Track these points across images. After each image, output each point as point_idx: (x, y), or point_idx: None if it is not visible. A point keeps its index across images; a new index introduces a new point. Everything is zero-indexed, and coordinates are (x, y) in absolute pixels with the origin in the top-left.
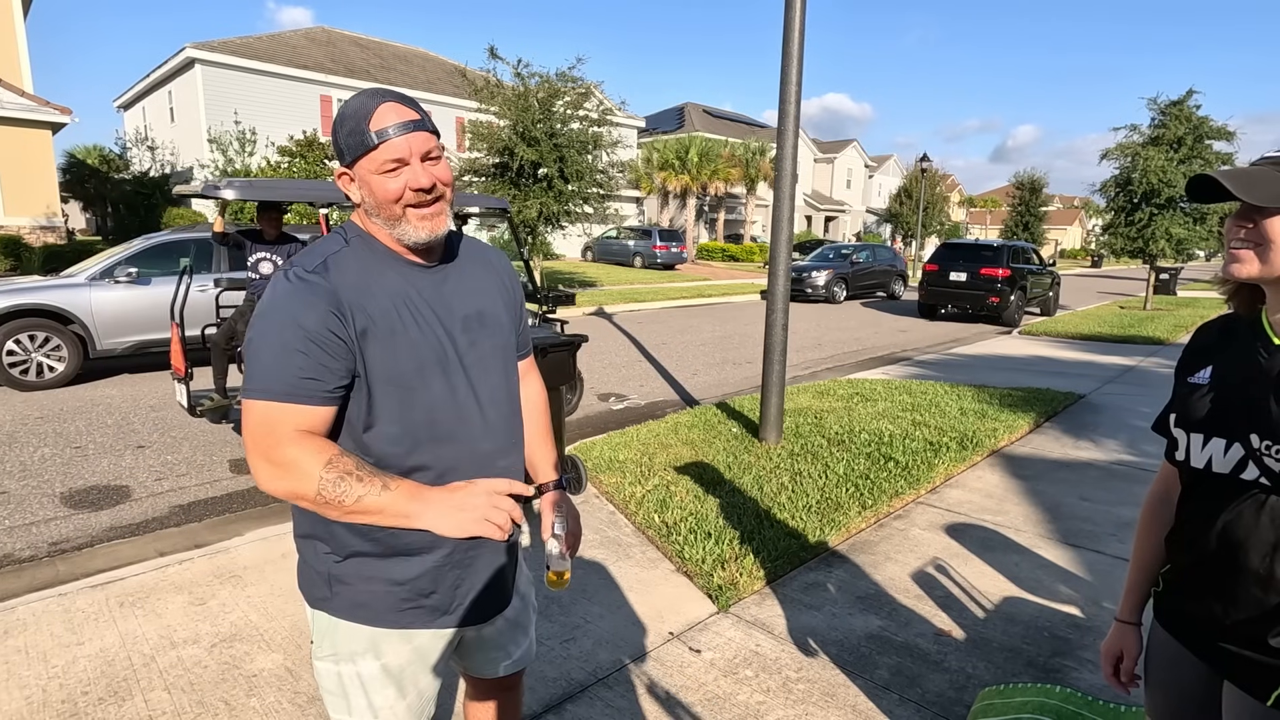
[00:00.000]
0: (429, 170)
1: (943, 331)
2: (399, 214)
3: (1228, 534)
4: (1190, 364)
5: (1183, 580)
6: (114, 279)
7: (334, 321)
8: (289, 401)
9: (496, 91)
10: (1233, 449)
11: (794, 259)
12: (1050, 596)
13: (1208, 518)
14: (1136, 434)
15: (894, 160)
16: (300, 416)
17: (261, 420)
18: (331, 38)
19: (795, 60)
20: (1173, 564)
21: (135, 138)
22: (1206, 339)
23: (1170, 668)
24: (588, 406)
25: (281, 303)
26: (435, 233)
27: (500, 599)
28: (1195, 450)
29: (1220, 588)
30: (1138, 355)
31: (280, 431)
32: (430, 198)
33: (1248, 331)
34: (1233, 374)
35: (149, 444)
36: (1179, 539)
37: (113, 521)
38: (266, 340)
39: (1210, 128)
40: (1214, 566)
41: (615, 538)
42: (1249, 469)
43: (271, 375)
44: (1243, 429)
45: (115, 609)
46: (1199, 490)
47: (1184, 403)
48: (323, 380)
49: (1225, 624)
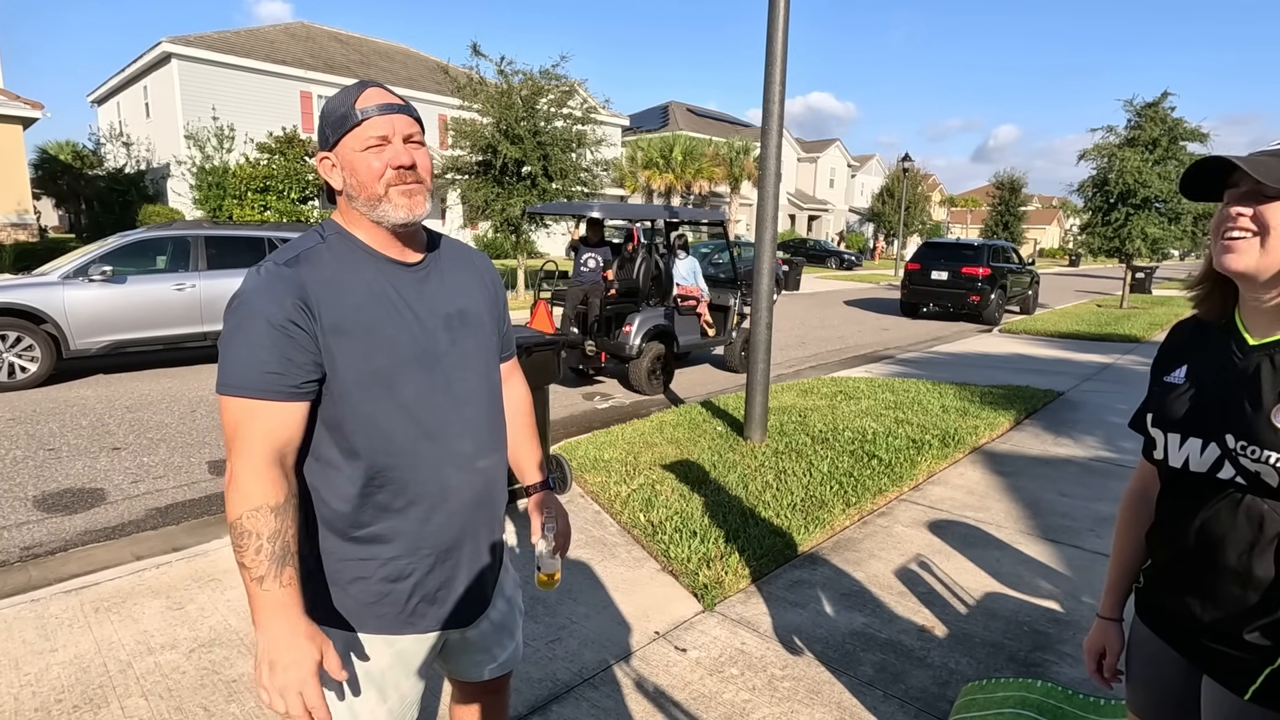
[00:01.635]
0: (410, 150)
1: (924, 330)
2: (380, 194)
3: (1206, 532)
4: (1166, 363)
5: (1163, 577)
6: (88, 277)
7: (299, 314)
8: (259, 398)
9: (479, 89)
10: (1209, 449)
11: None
12: (1031, 592)
13: (1186, 516)
14: (1113, 430)
15: (876, 160)
16: (271, 414)
17: (233, 419)
18: (311, 33)
19: (779, 59)
20: (1153, 560)
21: (110, 133)
22: (1181, 338)
23: (1151, 663)
24: (572, 405)
25: (249, 296)
26: (415, 212)
27: (482, 601)
28: (1173, 449)
29: (1199, 584)
30: (1115, 353)
31: (249, 434)
32: (411, 177)
33: (1220, 331)
34: (1207, 374)
35: (125, 445)
36: (1158, 536)
37: (87, 525)
38: (236, 334)
39: (1184, 129)
40: (1193, 563)
41: (601, 537)
42: (1225, 468)
43: (242, 371)
44: (1218, 429)
45: (90, 614)
46: (1177, 488)
47: (1160, 402)
48: (286, 374)
49: (1204, 620)
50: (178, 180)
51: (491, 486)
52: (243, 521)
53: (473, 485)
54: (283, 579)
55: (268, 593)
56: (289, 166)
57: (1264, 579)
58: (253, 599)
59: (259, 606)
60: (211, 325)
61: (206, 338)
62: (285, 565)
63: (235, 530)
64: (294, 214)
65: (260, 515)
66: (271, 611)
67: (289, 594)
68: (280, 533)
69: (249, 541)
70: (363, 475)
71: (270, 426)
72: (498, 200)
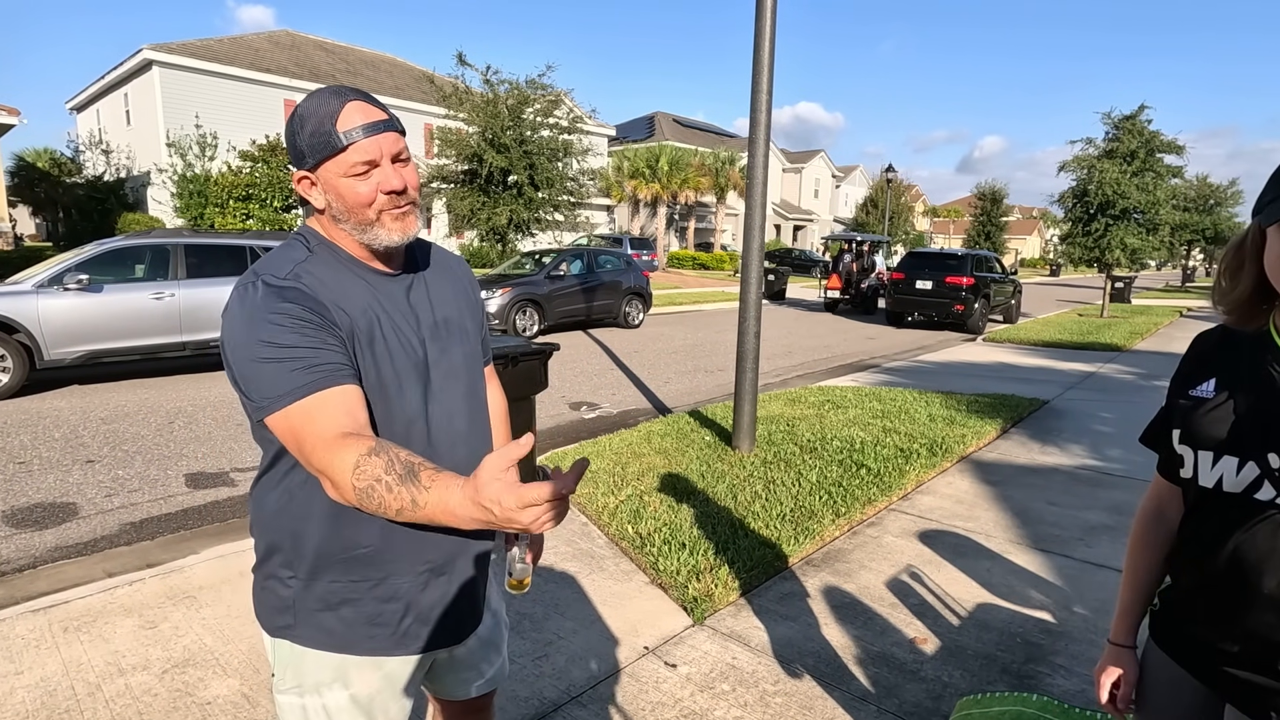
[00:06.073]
0: (399, 172)
1: (910, 339)
2: (371, 218)
3: (1239, 556)
4: (1191, 376)
5: (1187, 601)
6: (63, 286)
7: (314, 316)
8: (305, 396)
9: (465, 98)
10: (1246, 468)
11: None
12: (1022, 602)
13: (1217, 538)
14: (1099, 439)
15: (860, 170)
16: (327, 404)
17: (291, 428)
18: (296, 41)
19: (766, 69)
20: (1175, 584)
21: (89, 141)
22: (1205, 348)
23: (1170, 691)
24: (559, 415)
25: (257, 310)
26: (408, 234)
27: (474, 617)
28: (1204, 468)
29: (1230, 612)
30: (1097, 361)
31: (315, 433)
32: (403, 200)
33: (1252, 344)
34: (1241, 389)
35: (99, 458)
36: (1184, 559)
37: (58, 541)
38: (250, 352)
39: (1161, 141)
40: (1223, 589)
41: (588, 550)
42: (1264, 489)
43: (277, 383)
44: (1257, 448)
45: (59, 634)
46: (1206, 509)
47: (1188, 418)
48: (335, 354)
49: (1233, 648)
50: (158, 188)
51: None
52: (359, 489)
53: None
54: (424, 483)
55: (426, 505)
56: (272, 175)
57: None
58: (432, 518)
59: (438, 516)
60: (191, 335)
61: (185, 347)
62: (417, 476)
63: (365, 503)
64: (276, 222)
65: (363, 468)
66: (444, 509)
67: (441, 484)
68: (391, 463)
69: (376, 493)
70: None
71: (332, 417)
72: (483, 209)
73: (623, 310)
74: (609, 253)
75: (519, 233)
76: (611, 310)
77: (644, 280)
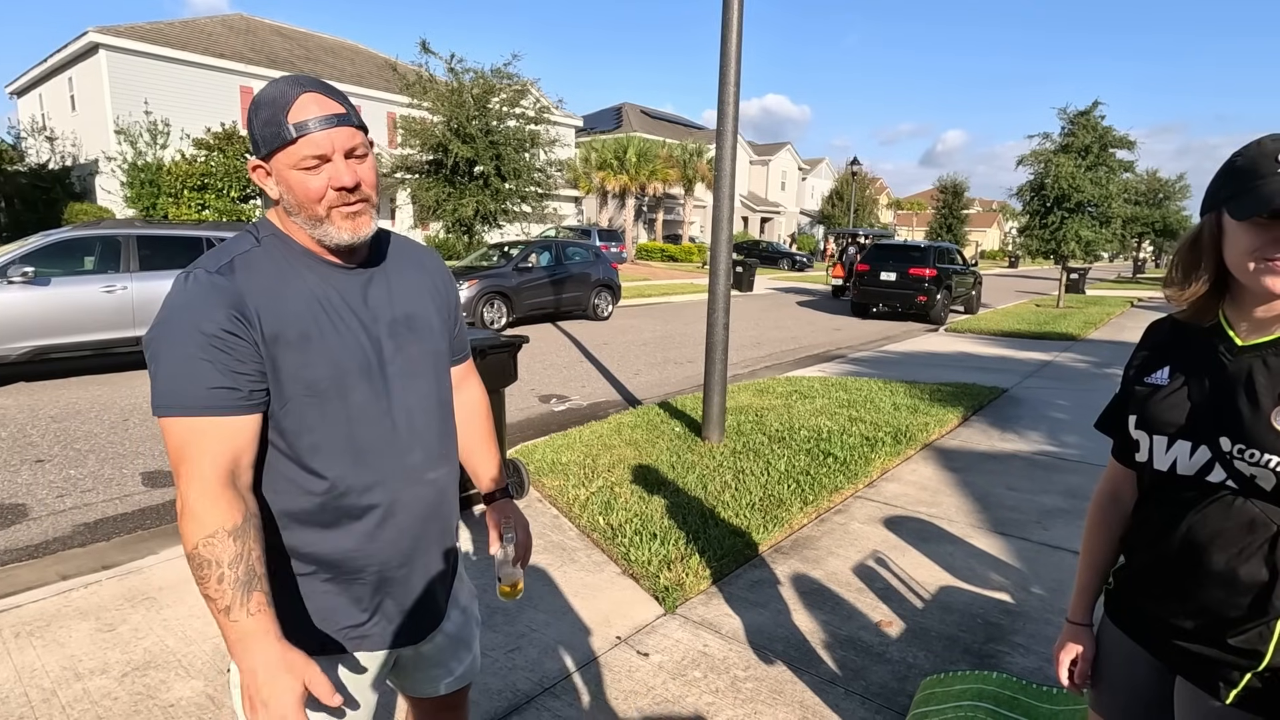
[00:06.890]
0: (353, 168)
1: (875, 329)
2: (321, 214)
3: (1192, 535)
4: (1146, 363)
5: (1140, 579)
6: (7, 279)
7: (236, 324)
8: (206, 415)
9: (429, 86)
10: (1199, 451)
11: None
12: (983, 584)
13: (1171, 519)
14: (1055, 425)
15: (826, 163)
16: (221, 430)
17: (179, 442)
18: (252, 26)
19: (733, 62)
20: (1129, 563)
21: (31, 127)
22: (1159, 337)
23: (1124, 666)
24: (529, 408)
25: (180, 307)
26: (359, 234)
27: (434, 617)
28: (1159, 452)
29: (1182, 588)
30: (1054, 350)
31: (197, 455)
32: (355, 198)
33: (1204, 332)
34: (1194, 376)
35: (49, 458)
36: (1138, 539)
37: (7, 544)
38: (168, 348)
39: (1113, 137)
40: (1176, 567)
41: (560, 542)
42: (1215, 471)
43: (181, 389)
44: (1210, 432)
45: (10, 640)
46: (1160, 492)
47: (1143, 404)
48: (236, 387)
49: (1184, 624)
50: (107, 177)
51: (442, 498)
52: (200, 551)
53: (423, 498)
54: (250, 607)
55: (236, 624)
56: (228, 164)
57: (1252, 583)
58: (224, 632)
59: (230, 640)
60: (145, 329)
61: (139, 342)
62: (252, 592)
63: (194, 561)
64: (234, 213)
65: (218, 541)
66: (243, 644)
67: (259, 622)
68: (242, 557)
69: (210, 571)
70: (306, 490)
71: (219, 444)
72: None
73: (592, 302)
74: (577, 244)
75: (486, 224)
76: (580, 302)
77: (613, 272)
